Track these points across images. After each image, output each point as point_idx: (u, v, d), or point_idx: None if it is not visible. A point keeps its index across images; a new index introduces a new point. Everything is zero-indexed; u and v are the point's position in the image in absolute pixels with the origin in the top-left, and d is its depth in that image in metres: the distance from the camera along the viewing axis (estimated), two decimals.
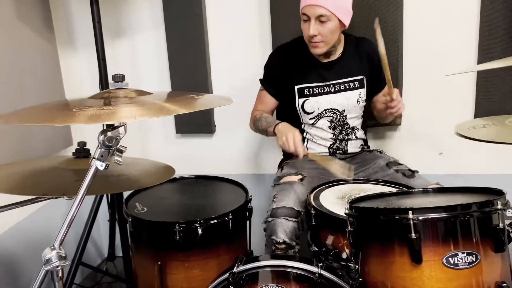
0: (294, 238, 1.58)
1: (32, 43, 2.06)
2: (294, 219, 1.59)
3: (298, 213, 1.60)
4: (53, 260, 0.97)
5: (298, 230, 1.60)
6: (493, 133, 1.34)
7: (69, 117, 0.85)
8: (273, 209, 1.62)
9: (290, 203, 1.62)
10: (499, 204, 0.97)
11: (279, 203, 1.63)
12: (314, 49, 1.80)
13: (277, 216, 1.59)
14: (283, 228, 1.57)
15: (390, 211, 0.97)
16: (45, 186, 1.25)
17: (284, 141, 1.67)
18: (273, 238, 1.57)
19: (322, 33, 1.73)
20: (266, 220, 1.63)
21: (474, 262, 0.94)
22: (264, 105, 1.97)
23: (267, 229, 1.62)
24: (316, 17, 1.71)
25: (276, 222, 1.59)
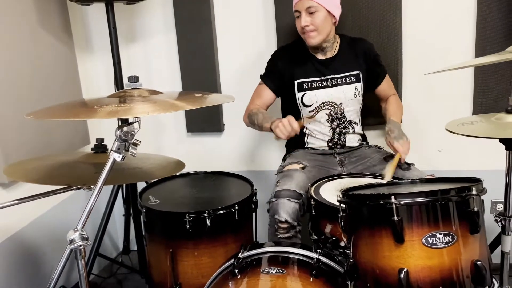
0: (295, 219, 1.68)
1: (52, 48, 2.19)
2: (296, 200, 1.69)
3: (300, 195, 1.70)
4: (76, 240, 1.09)
5: (299, 211, 1.70)
6: (478, 129, 1.44)
7: (91, 113, 0.97)
8: (277, 191, 1.73)
9: (292, 186, 1.72)
10: (474, 190, 1.07)
11: (282, 186, 1.74)
12: (308, 39, 1.92)
13: (280, 197, 1.70)
14: (285, 208, 1.68)
15: (376, 197, 1.08)
16: (67, 178, 1.38)
17: (281, 127, 1.73)
18: (276, 218, 1.68)
19: (313, 23, 1.88)
20: (270, 200, 1.74)
21: (451, 242, 1.04)
22: (262, 100, 2.06)
23: (271, 209, 1.73)
24: (305, 9, 1.87)
25: (279, 202, 1.69)
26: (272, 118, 1.86)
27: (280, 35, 2.30)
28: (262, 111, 1.98)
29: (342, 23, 2.05)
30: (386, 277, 1.08)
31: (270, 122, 1.84)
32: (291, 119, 1.76)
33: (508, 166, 1.49)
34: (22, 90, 1.96)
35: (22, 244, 2.03)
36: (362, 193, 1.14)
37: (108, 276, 2.52)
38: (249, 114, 2.03)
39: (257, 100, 2.07)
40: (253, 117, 1.98)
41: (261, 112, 1.97)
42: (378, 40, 2.13)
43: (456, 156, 2.33)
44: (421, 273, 1.04)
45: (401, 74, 2.25)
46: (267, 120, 1.87)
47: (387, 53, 2.17)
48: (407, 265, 1.05)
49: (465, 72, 2.22)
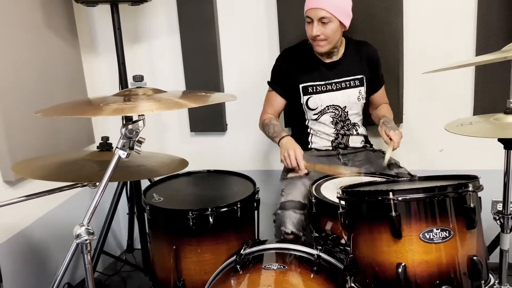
0: (301, 229, 1.72)
1: (58, 48, 2.23)
2: (301, 211, 1.73)
3: (305, 205, 1.74)
4: (82, 235, 1.12)
5: (304, 222, 1.74)
6: (477, 130, 1.47)
7: (98, 110, 1.00)
8: (282, 202, 1.77)
9: (297, 197, 1.76)
10: (471, 186, 1.09)
11: (287, 197, 1.77)
12: (318, 47, 1.94)
13: (285, 209, 1.74)
14: (291, 220, 1.71)
15: (374, 193, 1.11)
16: (73, 175, 1.41)
17: (286, 157, 1.83)
18: (282, 229, 1.72)
19: (324, 33, 1.88)
20: (276, 212, 1.78)
21: (447, 237, 1.06)
22: (273, 107, 2.10)
23: (277, 221, 1.77)
24: (318, 19, 1.86)
25: (284, 214, 1.73)
26: (282, 133, 1.94)
27: (282, 35, 2.33)
28: (273, 123, 2.04)
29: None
30: (384, 272, 1.10)
31: (279, 138, 1.93)
32: (299, 157, 1.82)
33: (507, 165, 1.51)
34: (29, 90, 2.00)
35: (28, 241, 2.06)
36: (361, 190, 1.17)
37: (112, 273, 2.56)
38: (262, 124, 2.09)
39: (269, 108, 2.12)
40: (265, 127, 2.06)
41: (272, 124, 2.03)
42: (379, 40, 2.16)
43: (457, 156, 2.35)
44: (419, 267, 1.07)
45: (402, 74, 2.27)
46: (277, 134, 1.96)
47: (388, 53, 2.20)
48: (405, 260, 1.07)
49: (466, 72, 2.24)
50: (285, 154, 1.84)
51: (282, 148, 1.87)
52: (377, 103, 2.14)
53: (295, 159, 1.81)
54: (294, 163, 1.81)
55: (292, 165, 1.82)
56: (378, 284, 1.13)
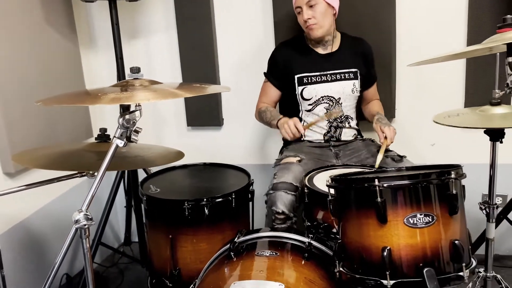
0: (291, 210, 1.77)
1: (57, 44, 2.27)
2: (292, 192, 1.77)
3: (296, 188, 1.79)
4: (81, 220, 1.16)
5: (295, 203, 1.78)
6: (463, 121, 1.52)
7: (96, 99, 1.05)
8: (274, 183, 1.81)
9: (289, 179, 1.80)
10: (453, 174, 1.14)
11: (279, 179, 1.82)
12: (311, 32, 2.00)
13: (277, 189, 1.78)
14: (282, 200, 1.76)
15: (361, 180, 1.15)
16: (72, 164, 1.45)
17: (286, 128, 1.87)
18: (273, 209, 1.76)
19: (314, 16, 1.97)
20: (268, 192, 1.82)
21: (430, 222, 1.11)
22: (268, 97, 2.15)
23: (268, 201, 1.81)
24: (305, 4, 1.95)
25: (276, 195, 1.77)
26: (279, 116, 1.99)
27: (278, 31, 2.37)
28: (270, 109, 2.10)
29: (337, 20, 2.11)
30: (370, 256, 1.15)
31: (276, 120, 1.98)
32: (297, 121, 1.88)
33: (492, 156, 1.56)
34: (29, 84, 2.04)
35: (28, 232, 2.10)
36: (349, 177, 1.22)
37: (110, 265, 2.60)
38: (259, 112, 2.15)
39: (264, 98, 2.18)
40: (262, 114, 2.11)
41: (268, 110, 2.09)
42: (372, 37, 2.20)
43: (449, 150, 2.40)
44: (403, 251, 1.12)
45: (395, 70, 2.32)
46: (274, 117, 2.02)
47: (381, 50, 2.24)
48: (390, 244, 1.12)
49: (457, 66, 2.28)
50: (285, 126, 1.89)
51: (281, 124, 1.93)
52: (369, 99, 2.20)
53: (294, 127, 1.86)
54: (294, 129, 1.86)
55: (293, 132, 1.87)
56: (364, 268, 1.17)
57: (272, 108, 2.13)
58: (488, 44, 1.24)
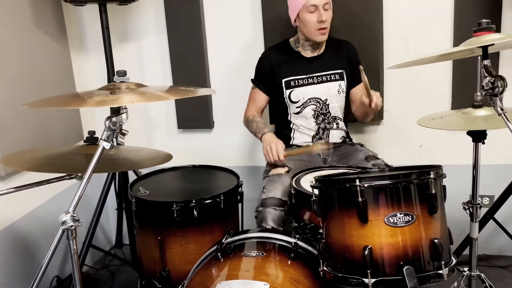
0: (281, 224, 1.80)
1: (47, 47, 2.28)
2: (280, 208, 1.80)
3: (285, 202, 1.81)
4: (68, 222, 1.18)
5: (284, 217, 1.81)
6: (446, 123, 1.55)
7: (82, 102, 1.07)
8: (263, 199, 1.84)
9: (277, 194, 1.83)
10: (432, 174, 1.17)
11: (268, 194, 1.84)
12: (322, 36, 2.02)
13: (266, 206, 1.81)
14: (271, 216, 1.79)
15: (343, 180, 1.18)
16: (61, 167, 1.47)
17: (268, 151, 1.92)
18: (263, 225, 1.80)
19: (327, 19, 1.99)
20: (257, 209, 1.85)
21: (410, 221, 1.14)
22: (256, 104, 2.19)
23: (258, 217, 1.84)
24: (323, 5, 1.96)
25: (265, 211, 1.81)
26: (264, 129, 2.04)
27: (267, 34, 2.40)
28: (256, 120, 2.13)
29: None
30: (352, 254, 1.17)
31: (261, 134, 2.02)
32: (280, 150, 1.91)
33: (475, 157, 1.59)
34: (19, 87, 2.05)
35: (18, 235, 2.11)
36: (331, 178, 1.24)
37: (101, 267, 2.61)
38: (246, 120, 2.19)
39: (252, 105, 2.20)
40: (249, 124, 2.16)
41: (255, 121, 2.12)
42: (360, 40, 2.23)
43: (436, 152, 2.43)
44: (384, 249, 1.14)
45: (382, 73, 2.35)
46: (259, 130, 2.06)
47: (368, 51, 2.28)
48: (371, 243, 1.14)
49: (444, 69, 2.31)
50: (267, 148, 1.93)
51: (264, 143, 1.97)
52: (356, 99, 2.22)
53: (276, 153, 1.90)
54: (275, 157, 1.90)
55: (274, 159, 1.91)
56: (347, 267, 1.20)
57: (259, 118, 2.15)
58: (463, 47, 1.26)
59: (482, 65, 1.20)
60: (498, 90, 1.17)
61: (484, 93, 1.19)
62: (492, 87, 1.18)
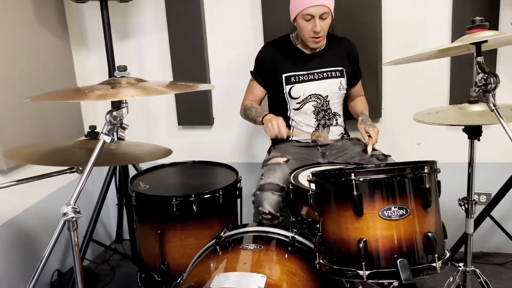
0: (278, 210, 1.81)
1: (49, 43, 2.30)
2: (278, 193, 1.82)
3: (283, 188, 1.83)
4: (69, 213, 1.20)
5: (282, 203, 1.83)
6: (442, 118, 1.57)
7: (83, 96, 1.09)
8: (261, 184, 1.86)
9: (275, 180, 1.85)
10: (427, 169, 1.19)
11: (266, 180, 1.86)
12: (316, 44, 2.03)
13: (264, 190, 1.83)
14: (268, 201, 1.81)
15: (339, 175, 1.20)
16: (62, 160, 1.49)
17: (270, 127, 1.91)
18: (260, 209, 1.81)
19: (323, 28, 1.99)
20: (255, 193, 1.86)
21: (404, 215, 1.16)
22: (254, 95, 2.19)
23: (255, 201, 1.86)
24: (320, 15, 1.95)
25: (262, 195, 1.82)
26: (264, 112, 2.02)
27: (267, 31, 2.42)
28: (255, 106, 2.13)
29: None
30: (348, 247, 1.20)
31: (262, 116, 2.00)
32: (281, 123, 1.90)
33: (470, 154, 1.61)
34: (21, 83, 2.07)
35: (19, 229, 2.13)
36: (327, 172, 1.26)
37: (101, 262, 2.63)
38: (244, 109, 2.18)
39: (250, 96, 2.21)
40: (247, 111, 2.14)
41: (254, 107, 2.12)
42: (359, 39, 2.25)
43: (435, 149, 2.45)
44: (378, 242, 1.16)
45: (381, 69, 2.37)
46: (259, 114, 2.04)
47: (367, 51, 2.30)
48: (366, 236, 1.17)
49: (442, 65, 2.34)
50: (268, 124, 1.92)
51: (266, 121, 1.95)
52: (354, 96, 2.26)
53: (277, 127, 1.89)
54: (276, 130, 1.89)
55: (275, 132, 1.90)
56: (342, 259, 1.22)
57: (257, 105, 2.16)
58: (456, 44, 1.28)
59: (475, 62, 1.22)
60: (491, 86, 1.19)
61: (477, 89, 1.21)
62: (485, 84, 1.20)
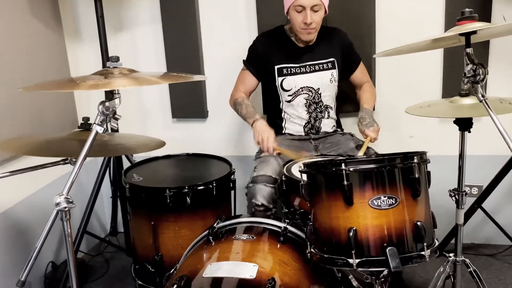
0: (271, 202, 1.83)
1: (42, 35, 2.30)
2: (271, 185, 1.84)
3: (275, 180, 1.85)
4: (61, 203, 1.21)
5: (275, 195, 1.84)
6: (433, 111, 1.58)
7: (75, 85, 1.09)
8: (254, 176, 1.87)
9: (268, 172, 1.86)
10: (416, 159, 1.20)
11: (259, 172, 1.88)
12: (307, 35, 2.03)
13: (256, 182, 1.84)
14: (261, 193, 1.82)
15: (330, 165, 1.21)
16: (56, 151, 1.49)
17: (260, 141, 1.93)
18: (253, 201, 1.82)
19: (315, 20, 1.98)
20: (248, 185, 1.88)
21: (394, 204, 1.17)
22: (245, 86, 2.19)
23: (248, 193, 1.87)
24: (311, 7, 1.95)
25: (255, 187, 1.83)
26: (255, 116, 2.03)
27: (261, 24, 2.42)
28: (246, 103, 2.12)
29: None
30: (338, 236, 1.21)
31: (252, 120, 2.01)
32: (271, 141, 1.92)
33: (461, 146, 1.62)
34: (14, 75, 2.07)
35: (13, 221, 2.13)
36: (319, 162, 1.28)
37: (95, 254, 2.64)
38: (234, 101, 2.17)
39: (241, 86, 2.20)
40: (237, 106, 2.14)
41: (245, 104, 2.11)
42: (353, 32, 2.26)
43: (427, 142, 2.47)
44: (368, 231, 1.17)
45: (374, 62, 2.38)
46: (250, 116, 2.05)
47: (361, 41, 2.31)
48: (356, 225, 1.18)
49: (435, 58, 2.35)
50: (259, 138, 1.94)
51: (256, 132, 1.97)
52: (360, 82, 2.25)
53: (267, 147, 1.92)
54: (266, 150, 1.93)
55: (264, 150, 1.94)
56: (333, 249, 1.23)
57: (248, 101, 2.15)
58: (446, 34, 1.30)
59: (465, 53, 1.24)
60: (479, 77, 1.21)
61: (466, 80, 1.22)
62: (474, 75, 1.21)
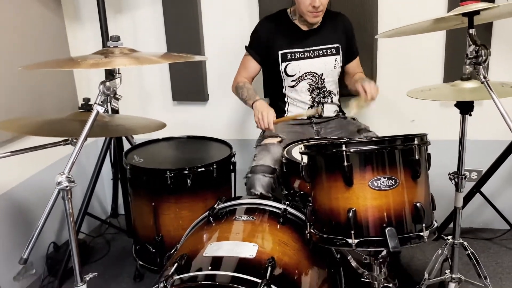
0: (270, 191, 1.84)
1: (42, 16, 2.28)
2: (270, 175, 1.84)
3: (274, 170, 1.85)
4: (63, 182, 1.21)
5: (274, 185, 1.85)
6: (435, 95, 1.58)
7: (75, 64, 1.09)
8: (253, 166, 1.87)
9: (267, 162, 1.86)
10: (416, 140, 1.21)
11: (258, 162, 1.88)
12: (315, 18, 2.01)
13: (255, 172, 1.84)
14: (260, 183, 1.82)
15: (330, 146, 1.22)
16: (57, 131, 1.49)
17: (260, 118, 1.90)
18: (252, 191, 1.83)
19: (323, 3, 1.96)
20: (246, 175, 1.88)
21: (393, 185, 1.18)
22: (247, 71, 2.18)
23: (247, 183, 1.87)
24: None
25: (254, 177, 1.84)
26: (255, 97, 2.00)
27: (262, 5, 2.40)
28: (247, 86, 2.10)
29: None
30: (337, 217, 1.22)
31: (252, 101, 1.99)
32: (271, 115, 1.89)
33: (462, 129, 1.62)
34: (14, 57, 2.05)
35: (15, 201, 2.15)
36: (319, 144, 1.28)
37: (96, 235, 2.67)
38: (236, 86, 2.16)
39: (243, 72, 2.18)
40: (239, 90, 2.12)
41: (246, 87, 2.09)
42: (355, 16, 2.23)
43: (428, 126, 2.44)
44: (368, 212, 1.18)
45: (376, 45, 2.37)
46: (250, 97, 2.02)
47: (363, 25, 2.29)
48: (356, 205, 1.19)
49: (437, 41, 2.33)
50: (259, 116, 1.91)
51: (256, 111, 1.95)
52: (352, 73, 2.24)
53: (267, 121, 1.89)
54: (266, 125, 1.90)
55: (264, 126, 1.91)
56: (332, 229, 1.25)
57: (249, 85, 2.13)
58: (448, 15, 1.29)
59: (468, 34, 1.23)
60: (481, 58, 1.20)
61: (468, 61, 1.22)
62: (476, 56, 1.21)
